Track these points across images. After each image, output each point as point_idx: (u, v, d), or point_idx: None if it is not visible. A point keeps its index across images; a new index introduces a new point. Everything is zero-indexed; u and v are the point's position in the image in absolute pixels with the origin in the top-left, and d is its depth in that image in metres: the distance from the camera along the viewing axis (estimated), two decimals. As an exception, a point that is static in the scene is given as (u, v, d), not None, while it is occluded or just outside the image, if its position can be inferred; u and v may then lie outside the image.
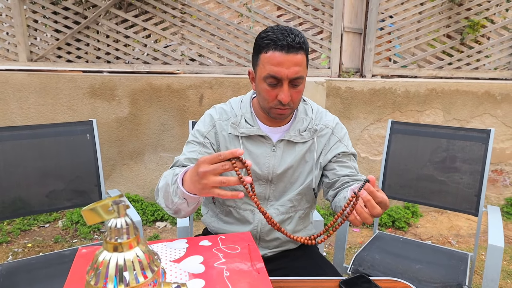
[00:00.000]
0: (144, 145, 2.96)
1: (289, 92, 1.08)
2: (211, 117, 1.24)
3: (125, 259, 0.53)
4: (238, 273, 0.80)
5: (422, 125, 1.97)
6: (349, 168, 1.22)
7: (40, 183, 1.73)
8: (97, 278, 0.52)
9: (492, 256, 1.32)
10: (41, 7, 2.90)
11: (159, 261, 0.58)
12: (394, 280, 1.01)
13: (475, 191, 1.75)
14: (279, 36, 1.04)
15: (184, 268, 0.81)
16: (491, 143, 1.72)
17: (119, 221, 0.53)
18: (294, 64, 1.05)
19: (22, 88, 2.81)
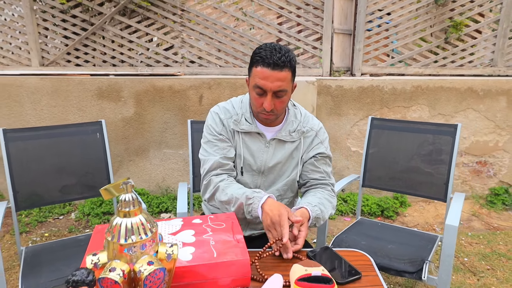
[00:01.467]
0: (148, 142, 3.18)
1: (273, 101, 1.28)
2: (219, 116, 1.43)
3: (132, 222, 0.74)
4: (221, 242, 1.01)
5: (399, 121, 2.16)
6: (320, 173, 1.45)
7: (56, 178, 1.94)
8: (112, 236, 0.74)
9: (448, 234, 1.52)
10: (51, 15, 3.12)
11: (157, 226, 0.79)
12: (354, 251, 1.22)
13: (444, 180, 1.93)
14: (268, 54, 1.24)
15: (179, 238, 1.02)
16: (458, 136, 1.91)
17: (127, 196, 0.74)
18: (277, 80, 1.25)
19: (36, 91, 3.04)
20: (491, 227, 2.94)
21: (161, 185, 3.26)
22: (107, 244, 0.77)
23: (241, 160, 1.41)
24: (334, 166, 3.23)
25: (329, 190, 1.44)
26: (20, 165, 1.83)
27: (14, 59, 3.20)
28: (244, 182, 1.43)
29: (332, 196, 1.44)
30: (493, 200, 3.28)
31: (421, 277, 1.55)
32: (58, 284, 1.45)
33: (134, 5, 3.10)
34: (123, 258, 0.75)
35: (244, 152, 1.41)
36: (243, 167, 1.42)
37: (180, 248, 0.97)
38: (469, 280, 2.24)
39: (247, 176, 1.43)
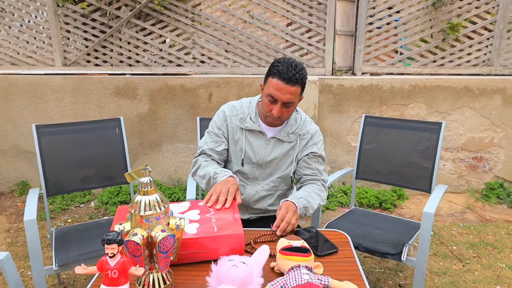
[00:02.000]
0: (161, 137, 3.43)
1: (281, 109, 1.49)
2: (224, 113, 1.66)
3: (149, 199, 0.97)
4: (221, 219, 1.23)
5: (389, 119, 2.35)
6: (311, 169, 1.65)
7: (78, 168, 2.16)
8: (134, 209, 0.96)
9: (425, 220, 1.71)
10: (73, 19, 3.37)
11: (168, 203, 1.01)
12: (334, 230, 1.43)
13: (429, 173, 2.11)
14: (284, 70, 1.43)
15: (186, 216, 1.25)
16: (442, 133, 2.08)
17: (146, 179, 0.97)
18: (288, 93, 1.45)
19: (59, 89, 3.31)
20: (484, 219, 3.10)
21: (173, 177, 3.51)
22: (130, 216, 0.99)
23: (243, 153, 1.63)
24: (335, 161, 3.43)
25: (319, 185, 1.64)
26: (49, 156, 2.07)
27: (40, 60, 3.48)
28: (243, 172, 1.65)
29: (321, 190, 1.63)
30: (488, 194, 3.43)
31: (401, 259, 1.74)
32: (86, 258, 1.70)
33: (149, 9, 3.33)
34: (143, 227, 0.98)
35: (246, 146, 1.62)
36: (244, 160, 1.64)
37: (187, 224, 1.20)
38: (455, 266, 2.42)
39: (247, 168, 1.64)
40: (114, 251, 0.88)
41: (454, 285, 2.23)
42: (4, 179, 3.58)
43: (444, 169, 3.47)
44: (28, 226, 1.62)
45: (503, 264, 2.43)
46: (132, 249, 0.94)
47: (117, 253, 0.90)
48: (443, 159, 3.45)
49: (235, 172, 1.66)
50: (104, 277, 0.90)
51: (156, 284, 1.02)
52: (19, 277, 1.40)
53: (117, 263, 0.89)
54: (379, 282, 2.28)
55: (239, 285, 0.97)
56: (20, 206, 3.33)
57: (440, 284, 2.25)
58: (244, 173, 1.65)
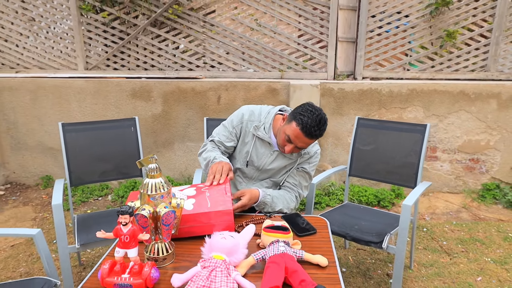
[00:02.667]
0: (173, 136, 3.69)
1: (293, 149, 1.67)
2: (243, 116, 1.84)
3: (155, 182, 1.20)
4: (214, 195, 1.46)
5: (380, 120, 2.53)
6: (294, 180, 1.84)
7: (98, 163, 2.41)
8: (143, 190, 1.20)
9: (403, 211, 1.90)
10: (95, 27, 3.67)
11: (170, 185, 1.25)
12: (317, 216, 1.64)
13: (414, 170, 2.28)
14: (309, 123, 1.55)
15: (185, 193, 1.48)
16: (427, 134, 2.26)
17: (153, 165, 1.20)
18: (305, 143, 1.63)
19: (81, 91, 3.61)
20: (477, 218, 3.24)
21: (184, 174, 3.76)
22: (140, 196, 1.23)
23: (248, 155, 1.82)
24: (336, 160, 3.62)
25: (293, 195, 1.82)
26: (73, 151, 2.34)
27: (64, 64, 3.79)
28: (243, 171, 1.86)
29: (292, 200, 1.80)
30: (484, 194, 3.56)
31: (382, 246, 1.93)
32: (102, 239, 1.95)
33: (164, 18, 3.60)
34: (150, 204, 1.21)
35: (252, 151, 1.82)
36: (248, 162, 1.84)
37: (185, 200, 1.43)
38: (443, 259, 2.59)
39: (249, 169, 1.84)
40: (126, 220, 1.12)
41: (439, 276, 2.40)
42: (30, 173, 3.90)
43: (441, 170, 3.62)
44: (56, 210, 1.88)
45: (488, 258, 2.58)
46: (141, 221, 1.18)
47: (129, 223, 1.13)
48: (440, 160, 3.60)
49: (236, 169, 1.87)
50: (119, 242, 1.14)
51: (160, 252, 1.26)
52: (48, 250, 1.66)
53: (129, 230, 1.13)
54: (368, 271, 2.47)
55: (226, 253, 1.20)
56: (45, 198, 3.64)
57: (426, 274, 2.42)
58: (244, 172, 1.87)
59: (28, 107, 3.73)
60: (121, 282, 1.11)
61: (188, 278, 1.13)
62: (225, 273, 1.12)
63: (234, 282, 1.11)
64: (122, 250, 1.14)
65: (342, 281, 1.19)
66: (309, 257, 1.28)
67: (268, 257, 1.23)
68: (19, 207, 3.46)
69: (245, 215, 1.65)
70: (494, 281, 2.33)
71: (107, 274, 1.12)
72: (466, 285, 2.29)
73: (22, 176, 3.95)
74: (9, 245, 2.81)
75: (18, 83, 3.68)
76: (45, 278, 1.60)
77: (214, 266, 1.14)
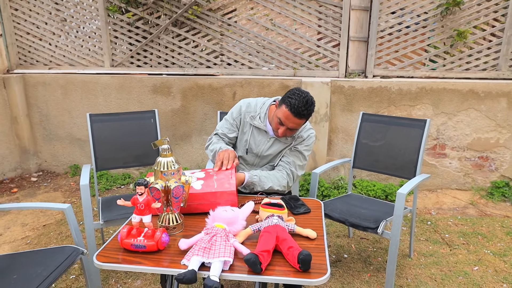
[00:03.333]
0: (191, 130, 3.91)
1: (285, 131, 1.85)
2: (241, 108, 2.05)
3: (167, 160, 1.41)
4: (220, 179, 1.65)
5: (383, 116, 2.66)
6: (287, 159, 1.99)
7: (120, 151, 2.65)
8: (157, 166, 1.41)
9: (398, 199, 2.03)
10: (120, 27, 3.94)
11: (180, 164, 1.45)
12: (313, 199, 1.80)
13: (414, 163, 2.40)
14: (296, 104, 1.73)
15: (195, 175, 1.68)
16: (427, 129, 2.37)
17: (165, 146, 1.41)
18: (294, 123, 1.81)
19: (107, 87, 3.88)
20: (484, 214, 3.30)
21: (200, 165, 3.98)
22: (154, 172, 1.44)
23: (247, 144, 2.02)
24: (345, 156, 3.76)
25: (284, 173, 1.97)
26: (99, 139, 2.58)
27: (92, 61, 4.08)
28: (245, 158, 2.05)
29: (283, 177, 1.94)
30: (493, 192, 3.61)
31: (377, 231, 2.08)
32: (123, 217, 2.18)
33: (184, 18, 3.83)
34: (162, 179, 1.42)
35: (250, 139, 2.02)
36: (248, 149, 2.03)
37: (194, 181, 1.63)
38: (443, 250, 2.69)
39: (249, 156, 2.04)
40: (141, 191, 1.33)
41: (437, 264, 2.51)
42: (60, 162, 4.22)
43: (450, 167, 3.69)
44: (83, 189, 2.12)
45: (488, 250, 2.67)
46: (155, 193, 1.39)
47: (144, 193, 1.34)
48: (449, 158, 3.67)
49: (238, 157, 2.05)
50: (135, 209, 1.35)
51: (171, 221, 1.46)
52: (77, 223, 1.90)
53: (144, 199, 1.34)
54: (369, 258, 2.60)
55: (227, 223, 1.39)
56: (73, 185, 3.94)
57: (425, 262, 2.54)
58: (245, 160, 2.06)
59: (59, 101, 4.04)
60: (136, 243, 1.31)
61: (193, 242, 1.33)
62: (224, 239, 1.31)
63: (231, 246, 1.29)
64: (138, 217, 1.35)
65: (327, 250, 1.36)
66: (299, 230, 1.45)
67: (263, 228, 1.41)
68: (50, 193, 3.77)
69: (247, 196, 1.83)
70: (490, 271, 2.42)
71: (125, 236, 1.33)
72: (462, 273, 2.40)
73: (52, 165, 4.27)
74: (42, 225, 3.10)
75: (50, 79, 4.00)
76: (74, 247, 1.83)
77: (215, 232, 1.33)
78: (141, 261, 1.28)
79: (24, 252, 1.82)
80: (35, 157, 4.24)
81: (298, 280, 1.20)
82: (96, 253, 1.32)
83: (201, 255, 1.24)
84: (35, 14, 4.05)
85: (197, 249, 1.27)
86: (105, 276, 2.39)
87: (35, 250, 1.84)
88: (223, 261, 1.22)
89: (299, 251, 1.25)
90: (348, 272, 2.44)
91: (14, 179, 4.07)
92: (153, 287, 2.29)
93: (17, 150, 4.13)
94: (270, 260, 1.27)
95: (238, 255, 1.30)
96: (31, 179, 4.08)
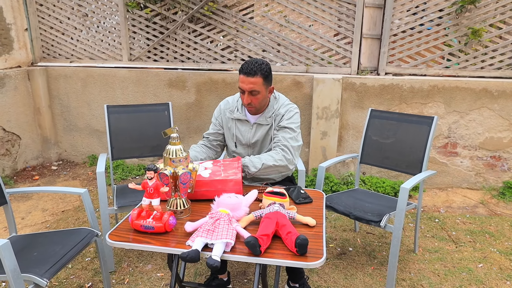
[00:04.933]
0: (205, 123, 4.01)
1: (249, 97, 1.91)
2: (220, 107, 2.16)
3: (176, 148, 1.50)
4: (227, 169, 1.74)
5: (391, 112, 2.69)
6: (277, 138, 1.99)
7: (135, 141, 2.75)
8: (166, 153, 1.50)
9: (401, 194, 2.07)
10: (138, 22, 4.07)
11: (188, 152, 1.54)
12: (315, 190, 1.87)
13: (420, 160, 2.43)
14: (245, 65, 1.84)
15: (203, 165, 1.77)
16: (434, 126, 2.40)
17: (174, 135, 1.50)
18: (249, 83, 1.86)
19: (124, 80, 4.02)
20: (493, 213, 3.29)
21: (213, 158, 4.08)
22: (163, 159, 1.53)
23: (234, 137, 2.10)
24: (356, 152, 3.79)
25: (276, 149, 1.97)
26: (115, 130, 2.70)
27: (111, 55, 4.22)
28: (239, 152, 2.12)
29: (276, 153, 1.94)
30: (505, 192, 3.59)
31: (380, 224, 2.12)
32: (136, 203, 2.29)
33: (200, 14, 3.92)
34: (171, 166, 1.51)
35: (236, 132, 2.09)
36: (236, 142, 2.11)
37: (203, 170, 1.71)
38: (448, 247, 2.72)
39: (240, 148, 2.11)
40: (151, 175, 1.42)
41: (441, 260, 2.54)
42: (79, 152, 4.39)
43: (461, 166, 3.68)
44: (99, 176, 2.24)
45: (494, 249, 2.68)
46: (164, 179, 1.48)
47: (153, 178, 1.43)
48: (460, 156, 3.66)
49: (231, 152, 2.15)
50: (146, 192, 1.45)
51: (178, 206, 1.55)
52: (92, 207, 2.02)
53: (153, 184, 1.43)
54: (374, 252, 2.65)
55: (230, 208, 1.47)
56: (90, 174, 4.10)
57: (429, 258, 2.57)
58: (238, 153, 2.13)
59: (79, 93, 4.20)
60: (146, 224, 1.41)
61: (198, 225, 1.42)
62: (227, 223, 1.39)
63: (233, 230, 1.37)
64: (148, 200, 1.45)
65: (324, 237, 1.42)
66: (299, 218, 1.52)
67: (264, 214, 1.48)
68: (68, 181, 3.94)
69: (252, 186, 1.91)
70: (495, 269, 2.44)
71: (136, 218, 1.43)
72: (466, 270, 2.42)
73: (72, 155, 4.45)
74: (60, 211, 3.26)
75: (71, 72, 4.16)
76: (89, 229, 1.95)
77: (219, 216, 1.41)
78: (149, 241, 1.38)
79: (44, 232, 1.95)
80: (55, 146, 4.42)
81: (295, 263, 1.27)
82: (108, 232, 1.42)
83: (204, 237, 1.32)
84: (59, 10, 4.22)
85: (201, 231, 1.35)
86: (118, 260, 2.51)
87: (53, 231, 1.96)
88: (225, 242, 1.30)
89: (297, 235, 1.32)
90: (352, 264, 2.50)
91: (36, 167, 4.27)
92: (163, 271, 2.40)
93: (39, 140, 4.32)
94: (269, 243, 1.34)
95: (240, 238, 1.38)
96: (51, 167, 4.27)
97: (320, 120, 3.69)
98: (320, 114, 3.66)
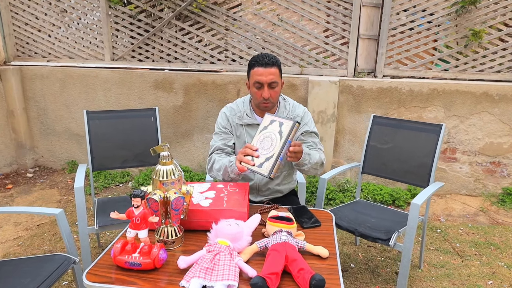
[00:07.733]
0: (193, 128, 3.78)
1: (268, 91, 1.76)
2: (225, 114, 1.95)
3: (167, 169, 1.28)
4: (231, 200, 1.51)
5: (395, 119, 2.52)
6: (308, 143, 1.90)
7: (119, 150, 2.51)
8: (155, 175, 1.28)
9: (412, 210, 1.90)
10: (122, 19, 3.80)
11: (182, 172, 1.32)
12: (323, 210, 1.68)
13: (427, 170, 2.27)
14: (260, 58, 1.74)
15: (204, 195, 1.53)
16: (442, 134, 2.24)
17: (165, 153, 1.28)
18: (269, 74, 1.73)
19: (107, 81, 3.75)
20: (495, 222, 3.18)
21: (202, 164, 3.86)
22: (152, 181, 1.31)
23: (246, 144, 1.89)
24: (352, 158, 3.63)
25: (317, 150, 1.89)
26: (96, 138, 2.46)
27: (92, 54, 3.94)
28: None
29: (320, 153, 1.86)
30: (504, 198, 3.48)
31: (389, 243, 1.95)
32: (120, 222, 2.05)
33: (188, 12, 3.69)
34: (161, 189, 1.29)
35: (248, 139, 1.90)
36: None
37: (203, 200, 1.49)
38: (454, 261, 2.57)
39: None
40: (138, 203, 1.20)
41: (449, 277, 2.39)
42: (57, 158, 4.10)
43: (460, 172, 3.56)
44: (77, 192, 2.00)
45: (502, 263, 2.55)
46: (152, 205, 1.26)
47: (140, 206, 1.21)
48: (459, 162, 3.54)
49: None
50: (131, 223, 1.23)
51: (169, 235, 1.34)
52: (69, 229, 1.78)
53: (140, 212, 1.21)
54: (377, 269, 2.48)
55: (231, 239, 1.26)
56: (69, 182, 3.82)
57: (436, 275, 2.42)
58: None
59: (57, 95, 3.91)
60: (131, 260, 1.19)
61: (194, 261, 1.20)
62: (228, 258, 1.19)
63: (236, 266, 1.17)
64: (134, 231, 1.22)
65: (340, 272, 1.23)
66: (310, 248, 1.32)
67: (270, 245, 1.28)
68: (45, 190, 3.65)
69: (253, 206, 1.70)
70: (506, 286, 2.30)
71: (119, 252, 1.21)
72: (475, 288, 2.28)
73: (49, 161, 4.15)
74: (35, 225, 2.99)
75: (48, 72, 3.87)
76: (66, 255, 1.72)
77: (218, 250, 1.21)
78: (135, 281, 1.16)
79: (11, 260, 1.70)
80: (31, 152, 4.12)
81: (310, 308, 1.08)
82: (86, 270, 1.20)
83: (202, 277, 1.11)
84: (34, 4, 3.91)
85: (198, 270, 1.14)
86: (100, 282, 2.27)
87: (22, 258, 1.72)
88: (227, 285, 1.10)
89: (311, 274, 1.12)
90: (355, 283, 2.32)
91: (9, 174, 3.96)
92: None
93: (12, 145, 4.01)
94: (278, 283, 1.14)
95: (243, 276, 1.18)
96: (26, 175, 3.97)
97: (316, 125, 3.49)
98: (316, 118, 3.48)
